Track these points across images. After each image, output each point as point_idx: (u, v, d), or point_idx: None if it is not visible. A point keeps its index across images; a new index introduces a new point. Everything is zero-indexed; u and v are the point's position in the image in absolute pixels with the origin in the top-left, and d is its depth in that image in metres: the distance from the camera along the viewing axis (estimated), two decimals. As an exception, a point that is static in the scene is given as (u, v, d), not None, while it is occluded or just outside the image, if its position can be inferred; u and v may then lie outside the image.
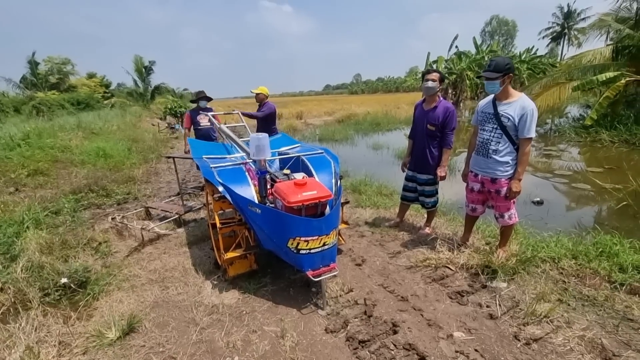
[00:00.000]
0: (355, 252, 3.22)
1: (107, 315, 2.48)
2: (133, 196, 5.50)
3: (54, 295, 2.80)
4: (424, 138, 3.27)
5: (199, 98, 5.25)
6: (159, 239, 3.83)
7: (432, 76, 3.10)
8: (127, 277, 3.03)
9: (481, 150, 2.75)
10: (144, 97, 26.49)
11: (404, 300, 2.44)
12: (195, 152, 3.45)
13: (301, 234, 2.19)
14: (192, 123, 5.21)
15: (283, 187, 2.35)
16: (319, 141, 12.22)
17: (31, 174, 6.32)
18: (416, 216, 4.06)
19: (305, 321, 2.28)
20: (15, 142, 8.12)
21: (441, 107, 3.12)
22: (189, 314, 2.44)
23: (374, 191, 5.06)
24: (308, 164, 2.95)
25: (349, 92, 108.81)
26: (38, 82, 28.03)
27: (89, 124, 12.43)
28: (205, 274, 2.98)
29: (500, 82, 2.53)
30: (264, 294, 2.62)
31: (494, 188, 2.72)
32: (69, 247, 3.47)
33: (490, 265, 2.67)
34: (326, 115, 21.16)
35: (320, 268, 2.31)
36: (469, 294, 2.46)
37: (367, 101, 31.10)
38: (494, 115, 2.63)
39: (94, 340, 2.23)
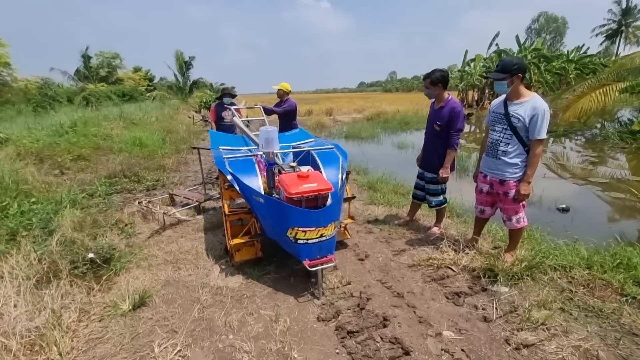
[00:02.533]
0: (360, 247, 3.26)
1: (123, 289, 2.72)
2: (161, 183, 5.87)
3: (82, 268, 3.08)
4: (431, 137, 3.25)
5: (223, 95, 5.50)
6: (179, 224, 4.08)
7: (425, 83, 3.17)
8: (146, 256, 3.29)
9: (491, 151, 2.69)
10: (183, 91, 27.78)
11: (399, 296, 2.46)
12: (214, 143, 3.64)
13: (299, 224, 2.28)
14: (217, 117, 5.47)
15: (286, 178, 2.45)
16: (345, 138, 12.24)
17: (75, 159, 6.90)
18: (427, 216, 4.01)
19: (300, 308, 2.37)
20: (64, 129, 8.89)
21: (448, 107, 3.08)
22: (195, 294, 2.62)
23: (390, 189, 5.04)
24: (316, 158, 3.03)
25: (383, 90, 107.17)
26: (90, 74, 30.26)
27: (130, 114, 13.29)
28: (215, 258, 3.16)
29: (508, 82, 2.46)
30: (266, 280, 2.75)
31: (502, 190, 2.65)
32: (99, 226, 3.79)
33: (493, 269, 2.62)
34: (355, 113, 21.06)
35: (317, 259, 2.39)
36: (466, 296, 2.44)
37: (399, 99, 30.53)
38: (504, 115, 2.56)
39: (109, 310, 2.47)
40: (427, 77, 3.13)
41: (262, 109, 4.75)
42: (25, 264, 2.98)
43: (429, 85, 3.12)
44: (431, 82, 3.09)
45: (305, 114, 20.13)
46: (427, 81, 3.13)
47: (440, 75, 3.07)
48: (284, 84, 5.17)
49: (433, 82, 3.08)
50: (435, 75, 3.07)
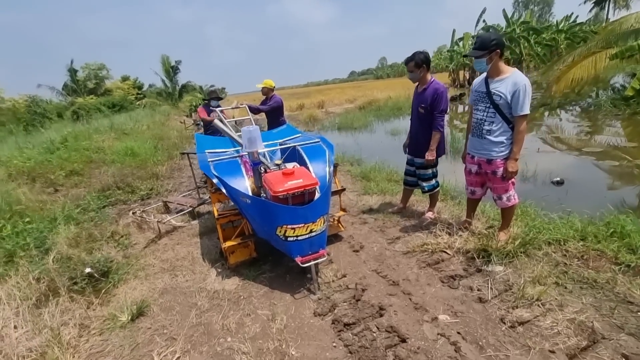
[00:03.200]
0: (355, 239, 3.26)
1: (122, 300, 2.72)
2: (156, 191, 5.85)
3: (81, 283, 3.09)
4: (417, 121, 3.23)
5: (210, 98, 5.50)
6: (175, 231, 4.08)
7: (408, 67, 3.10)
8: (142, 266, 3.29)
9: (476, 131, 2.67)
10: (172, 96, 27.60)
11: (394, 284, 2.46)
12: (200, 147, 3.61)
13: (287, 222, 2.27)
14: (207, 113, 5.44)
15: (270, 177, 2.44)
16: (337, 130, 12.19)
17: (68, 175, 6.87)
18: (421, 201, 4.00)
19: (297, 305, 2.37)
20: (55, 145, 8.85)
21: (431, 89, 3.04)
22: (193, 299, 2.63)
23: (384, 177, 5.04)
24: (302, 153, 3.01)
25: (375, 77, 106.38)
26: (78, 88, 30.01)
27: (120, 125, 13.21)
28: (211, 262, 3.16)
29: (487, 59, 2.43)
30: (262, 280, 2.75)
31: (490, 169, 2.63)
32: (94, 240, 3.79)
33: (487, 249, 2.61)
34: (347, 103, 20.95)
35: (309, 254, 2.39)
36: (461, 278, 2.44)
37: (391, 85, 30.29)
38: (486, 93, 2.53)
39: (108, 323, 2.47)
40: (411, 60, 3.06)
41: (247, 108, 4.71)
42: (25, 284, 2.99)
43: (413, 68, 3.06)
44: (415, 65, 3.03)
45: (297, 108, 20.02)
46: (411, 64, 3.06)
47: (423, 56, 3.03)
48: (268, 80, 5.12)
49: (417, 64, 3.03)
50: (419, 57, 3.01)
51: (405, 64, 3.11)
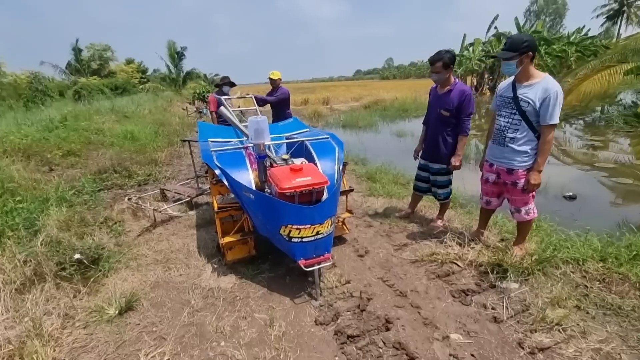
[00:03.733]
0: (360, 243, 3.11)
1: (111, 292, 2.56)
2: (153, 178, 5.67)
3: (70, 269, 2.92)
4: (437, 124, 3.04)
5: (223, 84, 5.29)
6: (171, 220, 3.92)
7: (435, 68, 2.87)
8: (135, 256, 3.12)
9: (497, 138, 2.50)
10: (176, 82, 27.28)
11: (402, 295, 2.31)
12: (202, 135, 3.44)
13: (292, 222, 2.11)
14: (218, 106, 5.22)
15: (277, 172, 2.27)
16: (342, 128, 12.01)
17: (65, 155, 6.69)
18: (430, 207, 3.85)
19: (297, 311, 2.22)
20: (54, 124, 8.65)
21: (456, 91, 2.87)
22: (186, 296, 2.47)
23: (390, 179, 4.87)
24: (311, 149, 2.84)
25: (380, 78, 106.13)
26: (81, 68, 29.71)
27: (122, 107, 13.00)
28: (208, 257, 3.00)
29: (517, 62, 2.26)
30: (260, 280, 2.59)
31: (510, 180, 2.47)
32: (86, 224, 3.62)
33: (502, 264, 2.46)
34: (353, 101, 20.76)
35: (314, 257, 2.23)
36: (474, 294, 2.29)
37: (397, 86, 30.10)
38: (512, 99, 2.36)
39: (94, 316, 2.31)
40: (438, 60, 2.82)
41: (254, 98, 4.53)
42: (10, 267, 2.83)
43: (440, 69, 2.83)
44: (444, 65, 2.81)
45: (302, 103, 19.82)
46: (438, 65, 2.82)
47: (452, 56, 2.83)
48: (277, 72, 4.95)
49: (446, 65, 2.81)
50: (447, 57, 2.80)
51: (431, 63, 2.87)
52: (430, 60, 2.87)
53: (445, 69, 2.83)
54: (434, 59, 2.84)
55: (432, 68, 2.88)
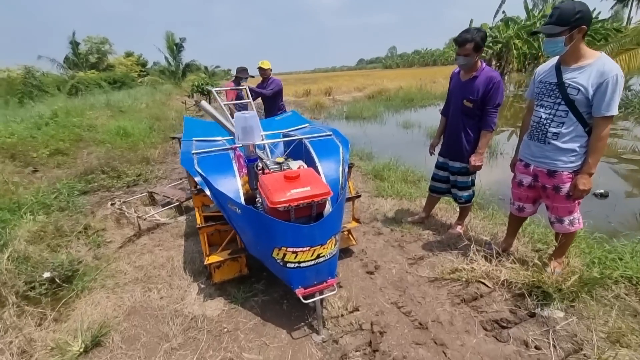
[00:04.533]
0: (369, 255, 2.70)
1: (79, 320, 2.19)
2: (144, 178, 5.28)
3: (40, 289, 2.56)
4: (458, 117, 2.59)
5: (239, 75, 4.94)
6: (157, 228, 3.54)
7: (464, 50, 2.37)
8: (113, 273, 2.75)
9: (536, 134, 2.06)
10: (176, 75, 26.73)
11: (422, 327, 1.91)
12: (188, 133, 3.03)
13: (287, 244, 1.70)
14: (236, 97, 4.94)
15: (268, 181, 1.85)
16: (345, 119, 11.52)
17: (52, 154, 6.31)
18: (446, 210, 3.42)
19: (295, 349, 1.83)
20: (43, 120, 8.26)
21: (483, 77, 2.41)
22: (164, 327, 2.08)
23: (399, 177, 4.43)
24: (310, 149, 2.42)
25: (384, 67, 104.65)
26: (79, 61, 29.19)
27: (118, 102, 12.57)
28: (194, 274, 2.62)
29: (566, 38, 1.80)
30: (253, 305, 2.20)
31: (552, 184, 2.04)
32: (62, 235, 3.25)
33: (540, 285, 2.04)
34: (356, 91, 20.14)
35: (314, 285, 1.82)
36: (510, 325, 1.88)
37: (401, 75, 29.32)
38: (557, 85, 1.91)
39: (55, 354, 1.94)
40: (469, 41, 2.31)
41: (248, 90, 4.09)
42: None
43: (470, 51, 2.34)
44: (475, 47, 2.33)
45: (304, 94, 19.25)
46: (468, 47, 2.33)
47: (484, 35, 2.34)
48: (266, 61, 4.60)
49: (477, 47, 2.33)
50: (479, 37, 2.31)
51: (459, 45, 2.37)
52: (458, 41, 2.37)
53: (476, 52, 2.35)
54: (463, 40, 2.34)
55: (460, 50, 2.38)
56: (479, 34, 2.32)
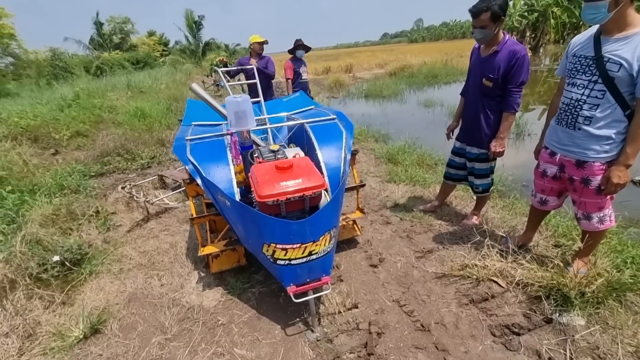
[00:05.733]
0: (374, 247, 2.56)
1: (82, 305, 2.23)
2: (157, 160, 5.33)
3: (51, 271, 2.64)
4: (477, 98, 2.32)
5: (295, 47, 4.73)
6: (165, 212, 3.55)
7: (479, 22, 2.08)
8: (119, 257, 2.79)
9: (565, 117, 1.79)
10: (196, 54, 26.72)
11: (423, 330, 1.78)
12: (188, 117, 2.93)
13: (276, 240, 1.59)
14: (294, 74, 4.79)
15: (259, 172, 1.72)
16: (364, 97, 11.11)
17: (73, 136, 6.48)
18: (462, 198, 3.19)
19: (287, 347, 1.75)
20: (66, 102, 8.47)
21: (505, 52, 2.11)
22: (161, 317, 2.07)
23: (414, 160, 4.19)
24: (311, 135, 2.25)
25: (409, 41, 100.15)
26: (104, 42, 29.71)
27: (138, 83, 12.72)
28: (195, 262, 2.59)
29: (610, 3, 1.49)
30: (250, 297, 2.14)
31: (580, 175, 1.79)
32: (74, 218, 3.31)
33: (560, 287, 1.84)
34: (377, 68, 19.38)
35: (307, 283, 1.72)
36: (522, 332, 1.71)
37: (426, 50, 27.84)
38: (595, 60, 1.63)
39: (56, 339, 1.98)
40: (485, 11, 2.03)
41: (255, 70, 3.90)
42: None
43: (487, 22, 2.06)
44: (492, 17, 2.04)
45: (323, 72, 18.73)
46: (484, 16, 2.05)
47: (503, 3, 2.03)
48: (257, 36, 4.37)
49: (495, 16, 2.04)
50: (498, 4, 2.01)
51: (474, 15, 2.10)
52: (473, 12, 2.09)
53: (493, 22, 2.06)
54: (478, 9, 2.06)
55: (475, 22, 2.10)
56: (497, 1, 2.01)
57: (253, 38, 4.45)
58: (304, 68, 4.81)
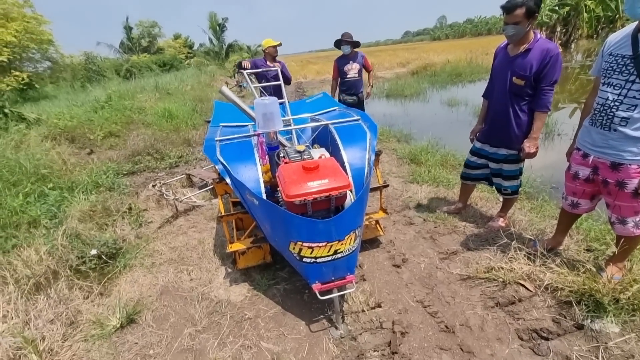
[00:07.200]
0: (397, 247, 2.57)
1: (118, 297, 2.37)
2: (184, 160, 5.52)
3: (89, 264, 2.81)
4: (506, 97, 2.27)
5: (339, 43, 4.35)
6: (193, 209, 3.69)
7: (513, 17, 2.02)
8: (151, 252, 2.93)
9: (600, 118, 1.74)
10: (219, 56, 27.35)
11: (448, 331, 1.78)
12: (216, 119, 3.04)
13: (303, 239, 1.64)
14: (339, 73, 4.55)
15: (286, 172, 1.78)
16: (385, 97, 11.03)
17: (106, 136, 6.82)
18: (488, 200, 3.13)
19: (312, 343, 1.80)
20: (99, 104, 8.92)
21: (537, 50, 2.07)
22: (191, 310, 2.17)
23: (437, 161, 4.14)
24: (335, 136, 2.29)
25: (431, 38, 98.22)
26: (133, 46, 30.95)
27: (165, 84, 13.18)
28: (222, 258, 2.69)
29: None
30: (275, 294, 2.21)
31: (615, 178, 1.73)
32: (109, 214, 3.51)
33: (593, 293, 1.79)
34: (399, 67, 19.16)
35: (332, 281, 1.76)
36: (552, 337, 1.67)
37: (449, 47, 27.21)
38: (633, 59, 1.57)
39: (96, 327, 2.12)
40: (520, 6, 1.98)
41: (280, 73, 3.97)
42: (36, 258, 2.79)
43: (521, 18, 2.01)
44: (527, 13, 1.99)
45: (344, 72, 18.68)
46: (518, 12, 1.99)
47: (530, 5, 1.98)
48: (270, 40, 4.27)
49: (530, 12, 1.99)
50: (533, 1, 1.97)
51: (507, 11, 2.05)
52: (507, 7, 2.04)
53: (527, 19, 2.01)
54: (513, 4, 2.00)
55: (508, 18, 2.05)
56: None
57: (267, 42, 4.30)
58: (349, 66, 4.39)
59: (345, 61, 4.41)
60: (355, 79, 4.46)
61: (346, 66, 4.41)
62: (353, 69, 4.40)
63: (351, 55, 4.38)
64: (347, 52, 4.33)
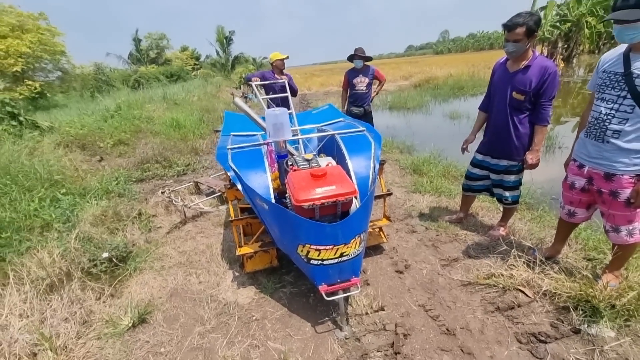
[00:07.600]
0: (399, 254, 2.64)
1: (129, 298, 2.45)
2: (192, 168, 5.65)
3: (100, 267, 2.90)
4: (505, 111, 2.38)
5: (352, 57, 4.49)
6: (201, 216, 3.78)
7: (514, 35, 2.14)
8: (160, 256, 3.01)
9: (594, 131, 1.84)
10: (225, 67, 27.88)
11: (449, 334, 1.84)
12: (227, 128, 3.17)
13: (310, 241, 1.73)
14: (348, 85, 4.68)
15: (295, 178, 1.88)
16: (389, 109, 11.20)
17: (115, 144, 6.99)
18: (489, 209, 3.21)
19: (317, 343, 1.87)
20: (109, 113, 9.14)
21: (536, 67, 2.18)
22: (200, 311, 2.25)
23: (439, 172, 4.23)
24: (341, 145, 2.40)
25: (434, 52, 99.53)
26: (141, 57, 31.69)
27: (173, 95, 13.47)
28: (230, 262, 2.77)
29: None
30: (281, 297, 2.28)
31: (609, 188, 1.82)
32: (120, 219, 3.61)
33: (589, 299, 1.85)
34: (402, 80, 19.43)
35: (337, 283, 1.84)
36: (549, 340, 1.73)
37: (452, 61, 27.61)
38: (624, 76, 1.68)
39: (109, 326, 2.20)
40: (520, 25, 2.10)
41: (287, 85, 4.12)
42: (49, 260, 2.87)
43: (522, 36, 2.13)
44: (527, 32, 2.12)
45: (348, 84, 18.98)
46: (519, 31, 2.11)
47: (538, 19, 2.12)
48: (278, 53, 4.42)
49: (530, 31, 2.12)
50: (533, 20, 2.10)
51: (509, 29, 2.16)
52: (508, 26, 2.16)
53: (528, 37, 2.14)
54: (514, 24, 2.13)
55: (509, 35, 2.17)
56: (532, 17, 2.10)
57: (275, 55, 4.44)
58: (358, 79, 4.51)
59: (355, 74, 4.55)
60: (363, 92, 4.60)
61: (356, 79, 4.55)
62: (362, 82, 4.54)
63: (362, 69, 4.53)
64: (359, 67, 4.48)
